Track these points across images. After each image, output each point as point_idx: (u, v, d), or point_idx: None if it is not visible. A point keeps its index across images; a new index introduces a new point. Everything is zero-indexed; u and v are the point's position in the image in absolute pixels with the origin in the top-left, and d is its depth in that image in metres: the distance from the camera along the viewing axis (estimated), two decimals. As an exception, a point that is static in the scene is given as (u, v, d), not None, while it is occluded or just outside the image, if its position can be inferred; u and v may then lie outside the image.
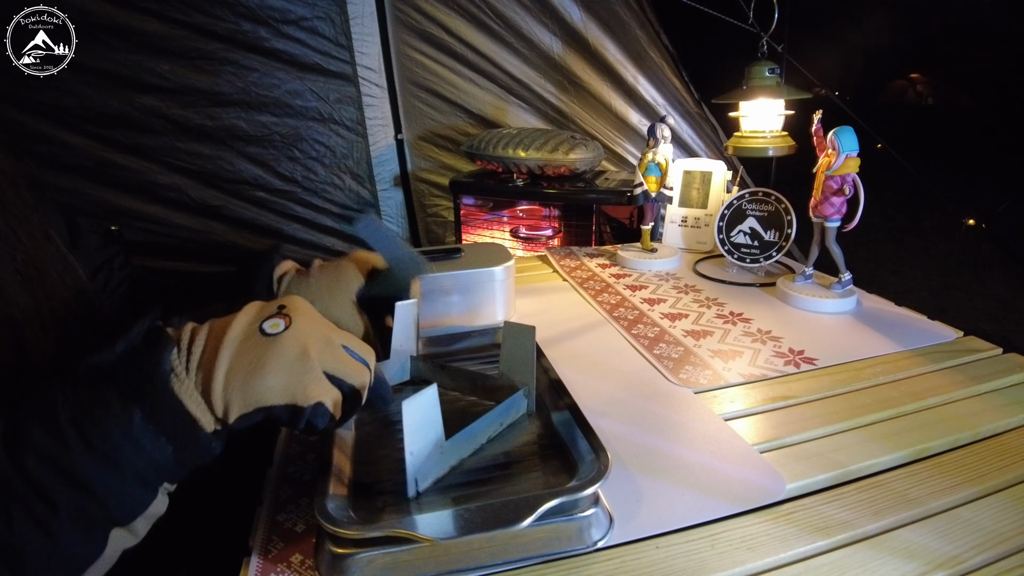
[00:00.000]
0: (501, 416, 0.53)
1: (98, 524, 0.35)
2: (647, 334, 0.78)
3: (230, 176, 1.66)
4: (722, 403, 0.62)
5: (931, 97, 8.43)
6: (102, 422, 0.34)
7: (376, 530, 0.39)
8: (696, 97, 1.65)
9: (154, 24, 1.46)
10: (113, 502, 0.35)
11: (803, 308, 0.84)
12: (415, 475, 0.44)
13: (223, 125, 1.62)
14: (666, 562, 0.42)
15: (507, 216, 1.64)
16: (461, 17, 1.73)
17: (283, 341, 0.38)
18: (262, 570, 0.43)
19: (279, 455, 0.56)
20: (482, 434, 0.51)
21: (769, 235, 0.96)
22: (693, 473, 0.51)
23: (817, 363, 0.69)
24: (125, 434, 0.34)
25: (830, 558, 0.42)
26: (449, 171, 1.90)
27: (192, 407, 0.36)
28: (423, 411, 0.43)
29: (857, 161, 0.80)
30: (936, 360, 0.68)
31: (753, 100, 1.02)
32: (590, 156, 1.47)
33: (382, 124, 1.89)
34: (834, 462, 0.52)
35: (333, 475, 0.45)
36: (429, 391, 0.44)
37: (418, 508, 0.44)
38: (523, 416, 0.56)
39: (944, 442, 0.54)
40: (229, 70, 1.58)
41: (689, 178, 1.13)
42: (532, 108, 1.80)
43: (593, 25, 1.64)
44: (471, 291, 0.78)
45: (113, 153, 1.53)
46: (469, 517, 0.40)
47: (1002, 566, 0.41)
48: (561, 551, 0.43)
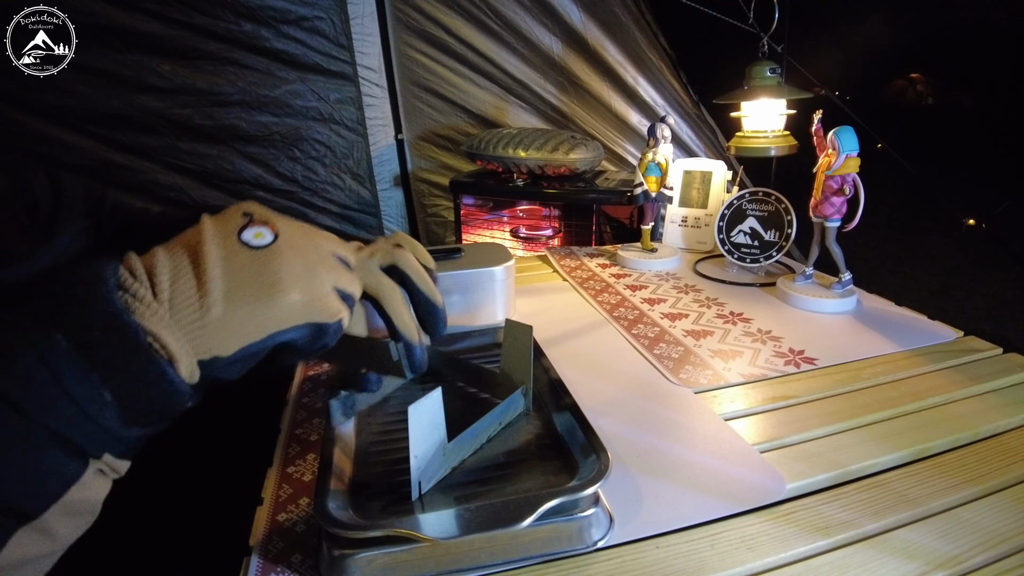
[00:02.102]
0: (500, 415, 0.53)
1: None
2: (647, 334, 0.78)
3: (230, 176, 1.66)
4: (722, 403, 0.62)
5: (931, 97, 8.43)
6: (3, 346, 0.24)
7: (376, 530, 0.39)
8: (695, 98, 1.65)
9: (154, 24, 1.46)
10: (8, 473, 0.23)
11: (803, 308, 0.84)
12: (419, 478, 0.44)
13: (223, 125, 1.62)
14: (666, 562, 0.42)
15: (507, 216, 1.65)
16: (461, 17, 1.73)
17: (282, 252, 0.31)
18: (262, 570, 0.43)
19: (279, 455, 0.56)
20: (483, 434, 0.51)
21: (769, 235, 0.96)
22: (693, 473, 0.51)
23: (817, 363, 0.69)
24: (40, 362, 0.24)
25: (830, 558, 0.42)
26: (449, 171, 1.90)
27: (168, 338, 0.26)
28: (428, 414, 0.43)
29: (857, 161, 0.80)
30: (936, 360, 0.68)
31: (754, 100, 1.02)
32: (590, 156, 1.47)
33: (382, 124, 1.89)
34: (834, 462, 0.52)
35: (333, 475, 0.45)
36: (434, 395, 0.44)
37: (419, 508, 0.44)
38: (522, 415, 0.56)
39: (944, 442, 0.54)
40: (229, 70, 1.58)
41: (689, 178, 1.13)
42: (532, 108, 1.81)
43: (593, 26, 1.64)
44: (471, 291, 0.78)
45: (113, 153, 1.53)
46: (469, 517, 0.40)
47: (1002, 566, 0.41)
48: (561, 551, 0.43)
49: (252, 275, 0.29)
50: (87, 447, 0.25)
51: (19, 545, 0.24)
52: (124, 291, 0.26)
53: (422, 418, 0.43)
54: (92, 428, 0.25)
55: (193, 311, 0.27)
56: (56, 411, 0.24)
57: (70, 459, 0.25)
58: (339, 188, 1.83)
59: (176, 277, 0.28)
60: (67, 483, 0.25)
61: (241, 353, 0.29)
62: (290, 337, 0.30)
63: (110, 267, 0.27)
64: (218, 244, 0.30)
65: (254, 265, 0.30)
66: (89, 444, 0.25)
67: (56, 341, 0.24)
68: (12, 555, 0.24)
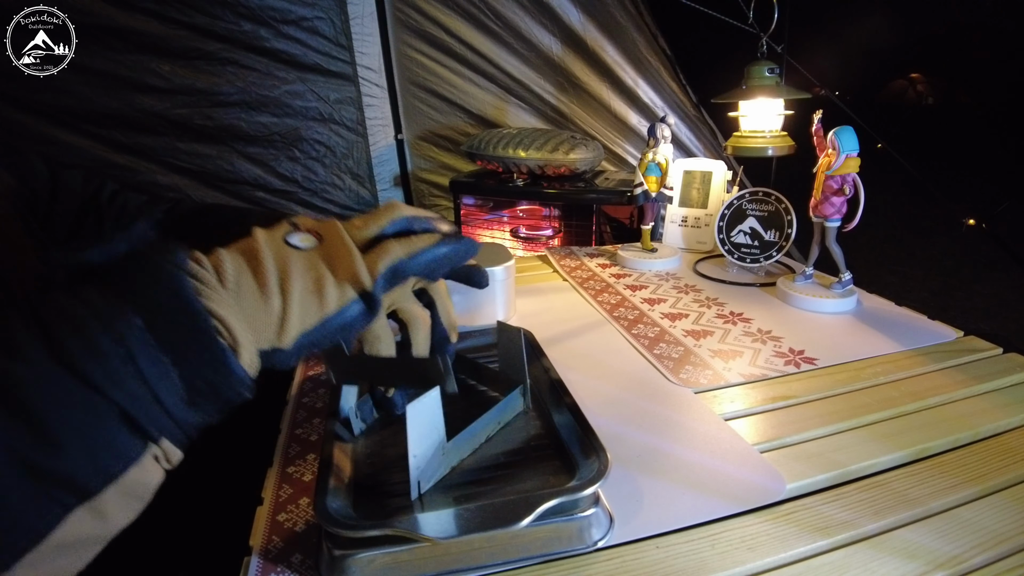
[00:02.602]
0: (499, 415, 0.53)
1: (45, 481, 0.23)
2: (647, 334, 0.78)
3: (230, 176, 1.67)
4: (722, 403, 0.62)
5: (931, 97, 8.43)
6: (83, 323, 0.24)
7: (375, 529, 0.39)
8: (694, 100, 1.65)
9: (154, 24, 1.46)
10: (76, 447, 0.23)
11: (803, 308, 0.84)
12: (419, 477, 0.44)
13: (223, 125, 1.62)
14: (666, 562, 0.42)
15: (507, 216, 1.65)
16: (461, 17, 1.73)
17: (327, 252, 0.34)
18: (262, 570, 0.43)
19: (279, 455, 0.56)
20: (482, 433, 0.51)
21: (769, 235, 0.96)
22: (693, 473, 0.51)
23: (817, 363, 0.69)
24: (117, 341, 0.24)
25: (830, 558, 0.42)
26: (449, 171, 1.90)
27: (234, 324, 0.28)
28: (427, 414, 0.43)
29: (857, 161, 0.80)
30: (936, 360, 0.68)
31: (752, 100, 1.02)
32: (590, 156, 1.47)
33: (382, 124, 1.89)
34: (834, 462, 0.52)
35: (333, 474, 0.45)
36: (432, 394, 0.43)
37: (418, 507, 0.44)
38: (520, 414, 0.56)
39: (944, 442, 0.54)
40: (229, 70, 1.58)
41: (689, 178, 1.13)
42: (532, 108, 1.81)
43: (592, 27, 1.64)
44: (471, 291, 0.78)
45: (113, 153, 1.53)
46: (468, 517, 0.40)
47: (1002, 566, 0.41)
48: (561, 551, 0.43)
49: (302, 271, 0.32)
50: (149, 428, 0.26)
51: (75, 524, 0.24)
52: (194, 278, 0.28)
53: (421, 417, 0.43)
54: (157, 410, 0.26)
55: (256, 300, 0.29)
56: (127, 389, 0.25)
57: (133, 438, 0.25)
58: (339, 188, 1.83)
59: (239, 271, 0.30)
60: (127, 463, 0.25)
61: (299, 343, 0.31)
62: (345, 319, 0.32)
63: (182, 255, 0.28)
64: (270, 247, 0.32)
65: (303, 263, 0.32)
66: (152, 425, 0.26)
67: (133, 321, 0.25)
68: (67, 534, 0.24)
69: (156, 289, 0.26)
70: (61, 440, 0.23)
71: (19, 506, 0.23)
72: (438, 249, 0.36)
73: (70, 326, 0.24)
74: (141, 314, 0.25)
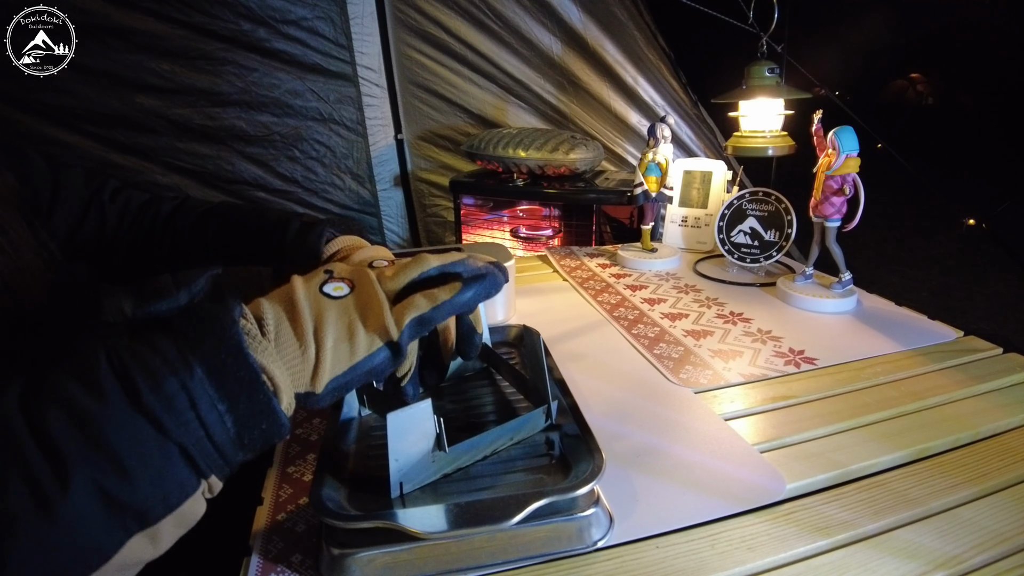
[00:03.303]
0: (513, 431, 0.50)
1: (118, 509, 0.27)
2: (647, 334, 0.78)
3: (230, 176, 1.66)
4: (722, 403, 0.62)
5: (931, 97, 8.42)
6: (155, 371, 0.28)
7: (366, 521, 0.39)
8: (694, 99, 1.65)
9: (154, 24, 1.46)
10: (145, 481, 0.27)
11: (803, 308, 0.84)
12: (399, 479, 0.44)
13: (223, 125, 1.62)
14: (666, 562, 0.42)
15: (507, 216, 1.65)
16: (461, 17, 1.73)
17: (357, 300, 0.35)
18: (262, 570, 0.43)
19: (279, 455, 0.56)
20: (487, 447, 0.49)
21: (769, 235, 0.96)
22: (693, 473, 0.51)
23: (817, 363, 0.69)
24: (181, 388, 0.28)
25: (830, 558, 0.42)
26: (449, 171, 1.90)
27: (276, 372, 0.31)
28: (411, 423, 0.43)
29: (857, 161, 0.80)
30: (936, 360, 0.68)
31: (752, 100, 1.02)
32: (590, 156, 1.47)
33: (382, 124, 1.89)
34: (834, 462, 0.52)
35: (330, 469, 0.45)
36: (421, 406, 0.43)
37: (411, 503, 0.44)
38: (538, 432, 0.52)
39: (944, 442, 0.54)
40: (229, 70, 1.58)
41: (689, 178, 1.13)
42: (532, 108, 1.80)
43: (592, 26, 1.64)
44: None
45: (113, 153, 1.53)
46: (459, 513, 0.40)
47: (1002, 566, 0.41)
48: (561, 551, 0.43)
49: (335, 319, 0.34)
50: (204, 466, 0.29)
51: (133, 547, 0.28)
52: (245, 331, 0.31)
53: (403, 426, 0.42)
54: (211, 450, 0.29)
55: (294, 349, 0.32)
56: (188, 431, 0.28)
57: (191, 475, 0.29)
58: (339, 188, 1.83)
59: (279, 321, 0.33)
60: (184, 496, 0.29)
61: (331, 386, 0.33)
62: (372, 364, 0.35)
63: (236, 309, 0.31)
64: (307, 297, 0.34)
65: (336, 311, 0.34)
66: (206, 464, 0.29)
67: (194, 370, 0.28)
68: (125, 557, 0.28)
69: (215, 340, 0.30)
70: (133, 475, 0.27)
71: (96, 529, 0.26)
72: (461, 296, 0.38)
73: (144, 372, 0.28)
74: (202, 364, 0.29)
